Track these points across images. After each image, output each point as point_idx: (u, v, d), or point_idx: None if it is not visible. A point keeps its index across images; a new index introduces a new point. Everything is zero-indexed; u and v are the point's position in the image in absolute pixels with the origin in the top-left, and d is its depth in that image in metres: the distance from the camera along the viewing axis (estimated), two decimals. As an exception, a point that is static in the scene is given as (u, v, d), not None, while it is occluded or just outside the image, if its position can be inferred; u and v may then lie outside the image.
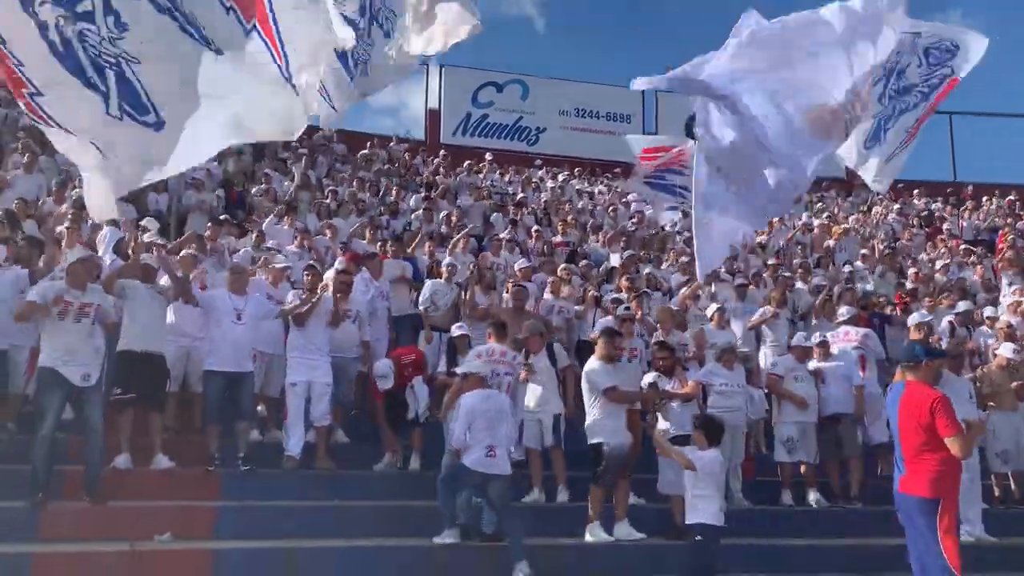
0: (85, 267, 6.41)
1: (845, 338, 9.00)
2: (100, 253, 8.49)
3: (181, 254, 8.08)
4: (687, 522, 5.64)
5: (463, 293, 9.35)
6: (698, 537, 5.48)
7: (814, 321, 10.10)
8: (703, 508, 5.52)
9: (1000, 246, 15.78)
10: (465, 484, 6.16)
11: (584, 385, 6.85)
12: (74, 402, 6.19)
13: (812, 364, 8.38)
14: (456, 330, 7.82)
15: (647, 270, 11.48)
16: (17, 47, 4.49)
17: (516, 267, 10.48)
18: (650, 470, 7.38)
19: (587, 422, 6.74)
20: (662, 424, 7.04)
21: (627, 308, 8.44)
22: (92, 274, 6.51)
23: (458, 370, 6.85)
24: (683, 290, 10.35)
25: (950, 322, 10.40)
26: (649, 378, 7.22)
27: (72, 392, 6.08)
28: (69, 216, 9.15)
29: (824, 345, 8.52)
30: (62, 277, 6.54)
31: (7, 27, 4.43)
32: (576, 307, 9.71)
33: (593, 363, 6.87)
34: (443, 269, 9.54)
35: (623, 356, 7.69)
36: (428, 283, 9.35)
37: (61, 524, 5.83)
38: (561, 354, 7.49)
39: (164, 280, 7.31)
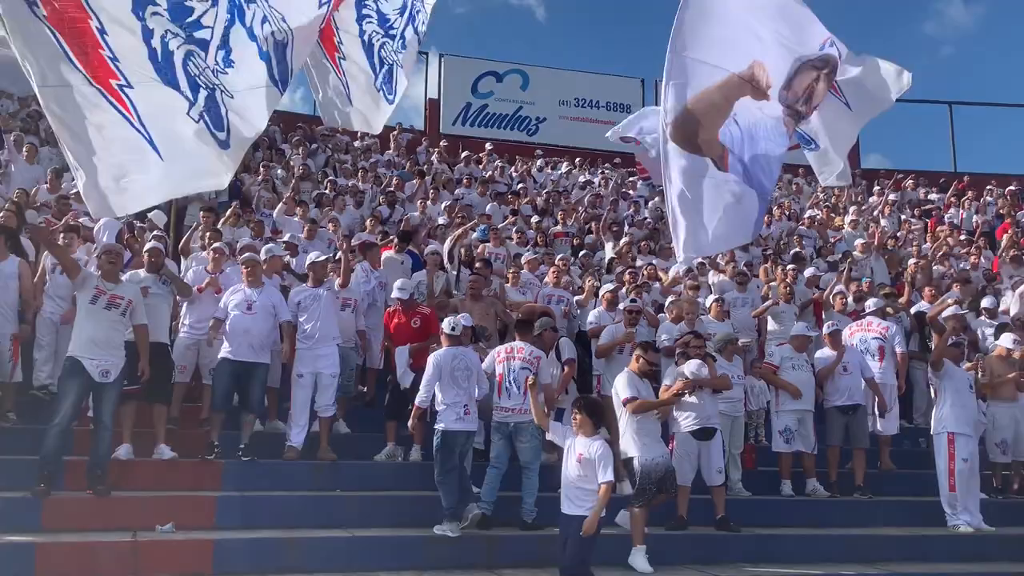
0: (111, 258, 6.42)
1: (867, 327, 9.02)
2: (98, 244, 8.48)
3: (213, 247, 8.09)
4: (565, 512, 5.17)
5: (456, 279, 9.36)
6: (581, 535, 4.99)
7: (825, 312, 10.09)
8: (590, 503, 5.06)
9: (1001, 237, 15.73)
10: (454, 448, 6.26)
11: (614, 397, 6.63)
12: (93, 396, 6.24)
13: (823, 353, 8.41)
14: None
15: (641, 261, 11.46)
16: (115, 42, 5.01)
17: (523, 260, 10.49)
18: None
19: (621, 436, 6.50)
20: (682, 416, 7.00)
21: (633, 301, 8.35)
22: (120, 264, 6.51)
23: (444, 325, 6.89)
24: (680, 284, 10.28)
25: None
26: (692, 367, 6.99)
27: (92, 386, 6.13)
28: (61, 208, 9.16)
29: (834, 335, 8.48)
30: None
31: (111, 22, 4.98)
32: (576, 297, 9.71)
33: (624, 374, 6.57)
34: (426, 257, 9.57)
35: (625, 348, 7.68)
36: (415, 274, 9.37)
37: (64, 514, 5.85)
38: (568, 348, 7.47)
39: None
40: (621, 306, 8.43)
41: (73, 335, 6.24)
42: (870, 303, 9.40)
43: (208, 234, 8.92)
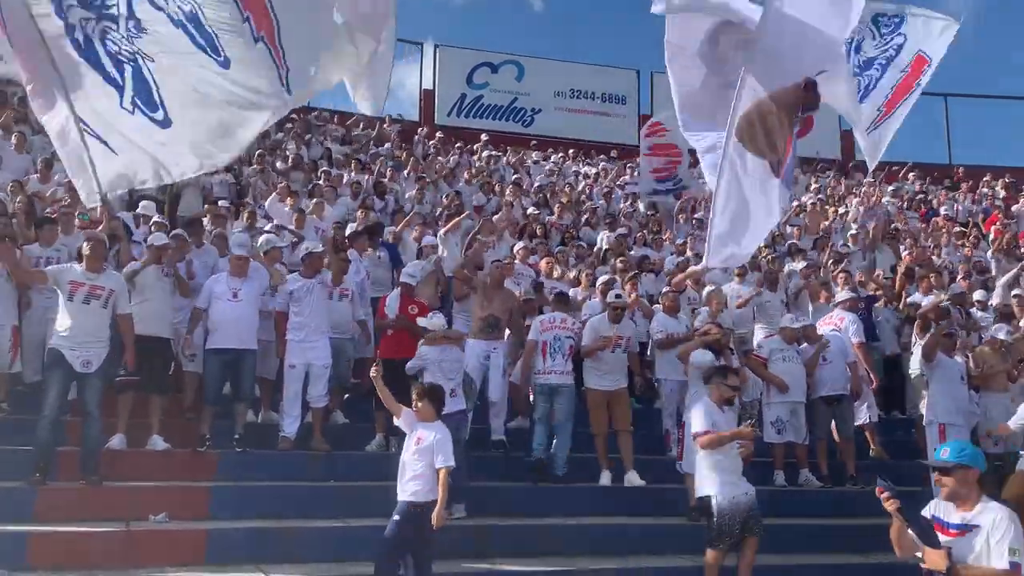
0: (95, 249, 6.37)
1: (829, 321, 9.00)
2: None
3: (174, 233, 8.01)
4: (402, 499, 5.21)
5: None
6: (396, 517, 5.12)
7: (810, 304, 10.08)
8: (423, 489, 5.12)
9: (989, 229, 15.78)
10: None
11: (687, 431, 6.42)
12: (77, 386, 6.21)
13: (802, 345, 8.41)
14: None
15: (633, 251, 11.43)
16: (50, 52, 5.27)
17: (515, 249, 10.46)
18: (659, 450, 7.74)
19: (696, 471, 6.10)
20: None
21: (618, 296, 8.17)
22: (101, 252, 6.46)
23: (420, 321, 7.03)
24: (680, 275, 10.22)
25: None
26: (702, 357, 7.10)
27: (74, 376, 6.11)
28: (67, 199, 9.10)
29: (808, 328, 8.47)
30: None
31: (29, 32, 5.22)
32: (573, 289, 9.68)
33: (702, 404, 6.03)
34: (425, 246, 9.56)
35: (612, 347, 7.63)
36: (418, 261, 9.35)
37: (58, 504, 5.84)
38: None
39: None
40: (610, 296, 8.29)
41: (55, 327, 6.21)
42: (842, 294, 9.37)
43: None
